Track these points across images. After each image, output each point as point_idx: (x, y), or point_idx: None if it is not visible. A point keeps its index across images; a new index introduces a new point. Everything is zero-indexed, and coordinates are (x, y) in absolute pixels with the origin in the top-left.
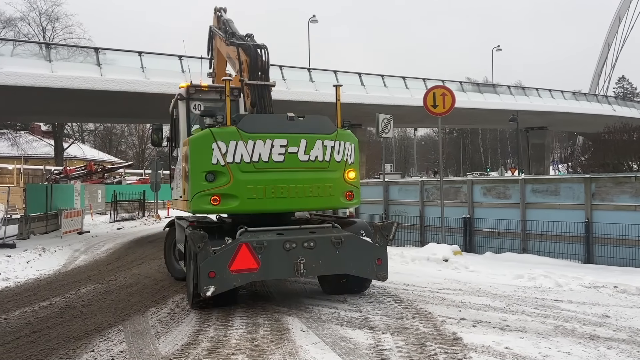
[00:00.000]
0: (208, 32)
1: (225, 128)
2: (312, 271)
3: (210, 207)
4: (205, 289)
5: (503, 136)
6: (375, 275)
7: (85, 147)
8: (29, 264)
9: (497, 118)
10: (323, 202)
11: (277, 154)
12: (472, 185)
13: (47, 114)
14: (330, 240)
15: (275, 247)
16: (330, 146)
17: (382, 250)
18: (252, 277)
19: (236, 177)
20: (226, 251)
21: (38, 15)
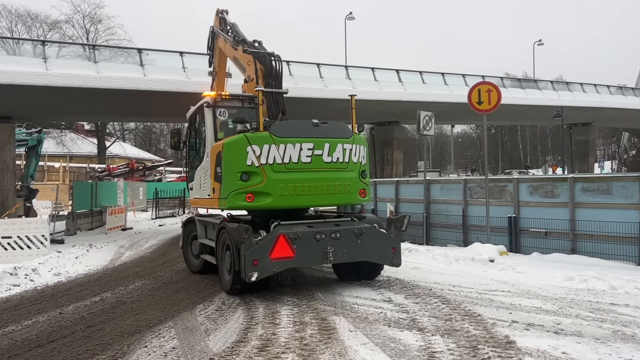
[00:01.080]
0: (209, 31)
1: (259, 133)
2: (339, 258)
3: (244, 204)
4: (249, 274)
5: (543, 133)
6: (391, 262)
7: (126, 146)
8: (77, 260)
9: (539, 114)
10: (342, 198)
11: (305, 156)
12: (518, 183)
13: (92, 114)
14: (354, 232)
15: (307, 237)
16: (348, 149)
17: (397, 240)
18: (289, 264)
19: (269, 176)
20: (267, 241)
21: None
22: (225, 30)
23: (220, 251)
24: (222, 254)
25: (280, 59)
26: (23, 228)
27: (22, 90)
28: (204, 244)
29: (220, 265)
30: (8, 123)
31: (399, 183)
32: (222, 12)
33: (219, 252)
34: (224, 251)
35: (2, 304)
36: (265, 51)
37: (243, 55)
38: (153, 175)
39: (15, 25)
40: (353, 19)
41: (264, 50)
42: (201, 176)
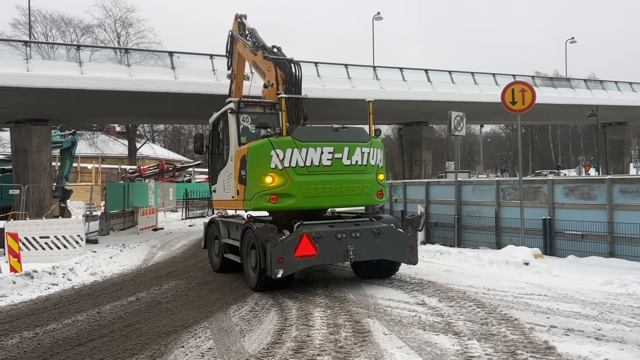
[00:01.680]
0: (228, 35)
1: (282, 138)
2: (358, 257)
3: (268, 205)
4: (275, 271)
5: (575, 132)
6: (408, 260)
7: (156, 147)
8: (112, 259)
9: (572, 113)
10: (361, 199)
11: (325, 159)
12: (553, 185)
13: (124, 116)
14: (372, 231)
15: (329, 237)
16: (366, 152)
17: (413, 239)
18: (312, 261)
19: (292, 179)
20: (291, 240)
21: (113, 21)
22: (244, 35)
23: (245, 250)
24: (247, 252)
25: (299, 65)
26: (60, 228)
27: (58, 93)
28: (227, 244)
29: (245, 263)
30: (45, 126)
31: (430, 184)
32: (241, 17)
33: (244, 251)
34: (249, 250)
35: (42, 302)
36: (285, 57)
37: (263, 61)
38: (182, 176)
39: (49, 30)
40: (381, 19)
41: (284, 56)
42: (225, 179)
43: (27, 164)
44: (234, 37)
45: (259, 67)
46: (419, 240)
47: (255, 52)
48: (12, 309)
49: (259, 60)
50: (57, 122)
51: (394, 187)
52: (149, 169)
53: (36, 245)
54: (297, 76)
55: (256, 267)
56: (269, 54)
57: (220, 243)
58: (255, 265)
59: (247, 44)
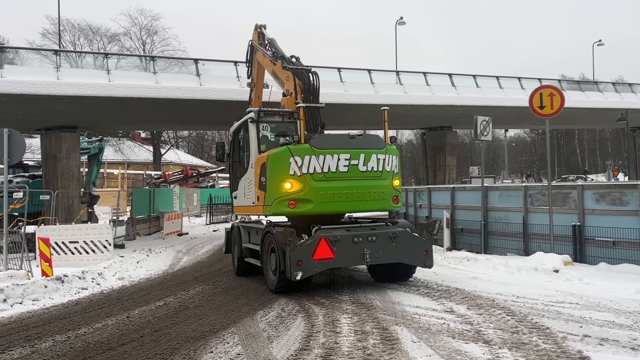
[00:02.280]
0: (248, 45)
1: (300, 145)
2: (375, 260)
3: (287, 210)
4: (295, 274)
5: (602, 136)
6: (424, 263)
7: (180, 153)
8: (139, 264)
9: (600, 117)
10: (377, 205)
11: (342, 165)
12: (583, 190)
13: (150, 123)
14: (388, 235)
15: (346, 240)
16: (382, 159)
17: (428, 243)
18: (329, 264)
19: (310, 185)
20: (310, 244)
21: (139, 30)
22: (263, 45)
23: (265, 254)
24: (267, 256)
25: (317, 75)
26: (89, 233)
27: (87, 101)
28: (248, 248)
29: (265, 266)
30: (73, 132)
31: (455, 190)
32: (260, 27)
33: (264, 255)
34: (269, 253)
35: (73, 306)
36: (303, 67)
37: (282, 70)
38: (206, 181)
39: (77, 39)
40: (404, 24)
41: (302, 66)
42: (245, 185)
43: (56, 170)
44: (254, 46)
45: (278, 76)
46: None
47: (274, 61)
48: (44, 312)
49: (278, 70)
50: (85, 128)
51: (418, 193)
52: (174, 175)
53: (66, 250)
54: (315, 85)
55: (276, 270)
56: (287, 64)
57: (240, 247)
58: (275, 268)
59: (267, 53)
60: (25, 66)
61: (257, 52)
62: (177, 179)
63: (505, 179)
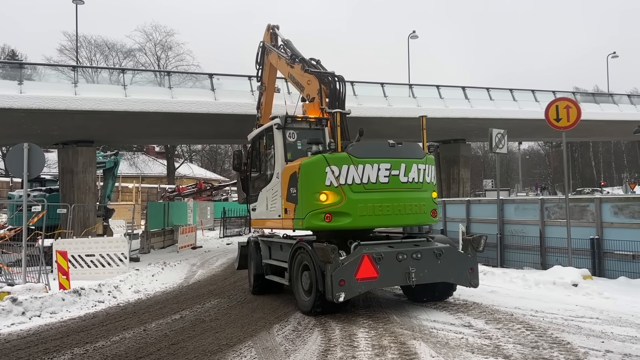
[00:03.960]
0: (259, 46)
1: (338, 154)
2: (420, 279)
3: (323, 224)
4: (337, 295)
5: (618, 149)
6: (469, 282)
7: (194, 166)
8: (154, 277)
9: (616, 129)
10: (416, 218)
11: (382, 176)
12: (601, 203)
13: (165, 137)
14: (434, 252)
15: (390, 258)
16: (422, 169)
17: (474, 261)
18: (373, 284)
19: (348, 196)
20: (352, 262)
21: (153, 45)
22: (276, 46)
23: (296, 272)
24: (298, 274)
25: (343, 80)
26: (105, 247)
27: (104, 115)
28: (269, 264)
29: (295, 285)
30: (90, 147)
31: (470, 202)
32: (273, 27)
33: (295, 273)
34: (301, 272)
35: (90, 319)
36: (328, 72)
37: (302, 74)
38: (220, 195)
39: (94, 55)
40: (416, 38)
41: (324, 69)
42: (268, 197)
43: (73, 183)
44: (266, 48)
45: (297, 80)
46: None
47: (292, 64)
48: (61, 325)
49: (296, 73)
50: (101, 143)
51: None
52: (188, 188)
53: (82, 263)
54: (341, 91)
55: (310, 290)
56: (309, 67)
57: (258, 263)
58: (309, 288)
59: (283, 55)
60: (44, 82)
61: (270, 53)
62: (191, 193)
63: (520, 192)
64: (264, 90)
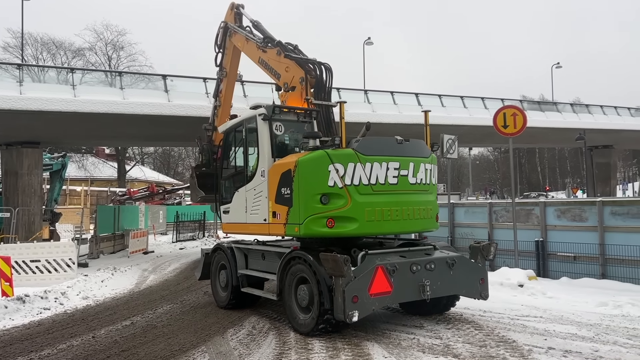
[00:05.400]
0: (219, 27)
1: (342, 150)
2: (434, 292)
3: (324, 230)
4: (350, 314)
5: (562, 155)
6: (480, 294)
7: (146, 169)
8: (103, 283)
9: (560, 137)
10: (424, 224)
11: (391, 176)
12: (545, 207)
13: (116, 139)
14: (446, 262)
15: (404, 269)
16: (429, 169)
17: (484, 270)
18: (386, 300)
19: (354, 199)
20: (365, 274)
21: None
22: (242, 27)
23: (289, 285)
24: (291, 288)
25: (330, 69)
26: (52, 252)
27: (51, 116)
28: (246, 275)
29: (288, 302)
30: (36, 148)
31: None
32: (237, 6)
33: (287, 286)
34: (295, 285)
35: (35, 327)
36: (309, 58)
37: (279, 59)
38: (173, 198)
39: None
40: (372, 44)
41: (304, 55)
42: (248, 198)
43: (17, 186)
44: (229, 29)
45: (271, 66)
46: None
47: (264, 48)
48: (4, 334)
49: (270, 58)
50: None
51: None
52: (139, 192)
53: (27, 269)
54: (327, 80)
55: (309, 308)
56: (288, 52)
57: (229, 274)
58: (307, 305)
59: (252, 39)
60: None
61: (235, 35)
62: (143, 196)
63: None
64: (225, 77)
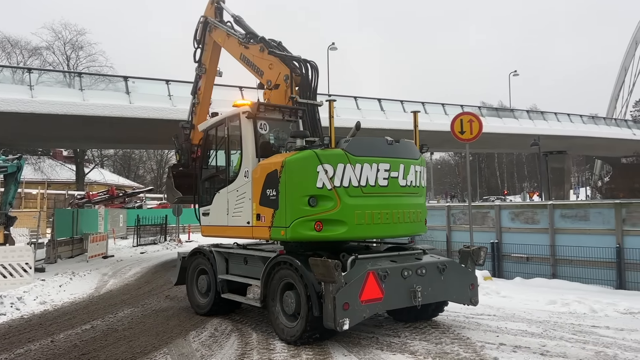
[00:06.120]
0: (199, 21)
1: (331, 150)
2: (425, 299)
3: (312, 234)
4: (341, 322)
5: (519, 160)
6: (470, 300)
7: (105, 172)
8: (62, 288)
9: (516, 142)
10: (413, 228)
11: (382, 178)
12: (500, 210)
13: (75, 141)
14: (437, 266)
15: (395, 274)
16: (419, 171)
17: (474, 276)
18: (378, 307)
19: (344, 201)
20: (356, 280)
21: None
22: (222, 23)
23: (274, 291)
24: (276, 294)
25: (316, 67)
26: (6, 256)
27: (7, 117)
28: (226, 281)
29: (272, 308)
30: None
31: None
32: (218, 1)
33: (272, 293)
34: (281, 291)
35: None
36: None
37: (262, 56)
38: (133, 202)
39: None
40: (335, 49)
41: (289, 52)
42: (230, 199)
43: None
44: (210, 24)
45: (253, 62)
46: None
47: (246, 44)
48: None
49: (253, 55)
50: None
51: None
52: (98, 195)
53: None
54: (313, 79)
55: (295, 315)
56: (272, 49)
57: (212, 279)
58: (293, 312)
59: (234, 34)
60: None
61: (215, 30)
62: (102, 199)
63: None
64: (204, 73)
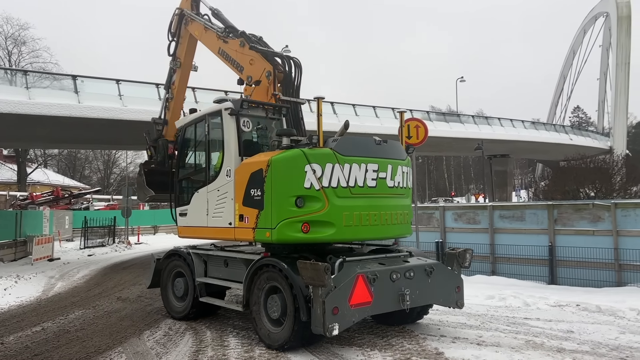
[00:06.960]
0: (174, 13)
1: (320, 149)
2: (414, 302)
3: (299, 236)
4: (330, 327)
5: (466, 163)
6: (456, 303)
7: (49, 172)
8: (6, 291)
9: (462, 146)
10: (400, 229)
11: (370, 179)
12: (444, 211)
13: (20, 140)
14: (425, 269)
15: (384, 277)
16: (405, 172)
17: (460, 278)
18: (367, 311)
19: (332, 202)
20: (346, 284)
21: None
22: (199, 15)
23: (258, 295)
24: (260, 299)
25: (300, 65)
26: None
27: None
28: (205, 284)
29: (256, 313)
30: None
31: None
32: None
33: (256, 296)
34: (265, 295)
35: None
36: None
37: (242, 51)
38: (79, 203)
39: None
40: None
41: (270, 48)
42: (210, 199)
43: None
44: (186, 16)
45: (233, 58)
46: None
47: (225, 38)
48: None
49: (232, 50)
50: None
51: None
52: (43, 196)
53: None
54: (296, 76)
55: (280, 320)
56: (253, 44)
57: (187, 282)
58: (278, 317)
59: (212, 27)
60: None
61: (192, 23)
62: (47, 201)
63: None
64: (178, 67)
